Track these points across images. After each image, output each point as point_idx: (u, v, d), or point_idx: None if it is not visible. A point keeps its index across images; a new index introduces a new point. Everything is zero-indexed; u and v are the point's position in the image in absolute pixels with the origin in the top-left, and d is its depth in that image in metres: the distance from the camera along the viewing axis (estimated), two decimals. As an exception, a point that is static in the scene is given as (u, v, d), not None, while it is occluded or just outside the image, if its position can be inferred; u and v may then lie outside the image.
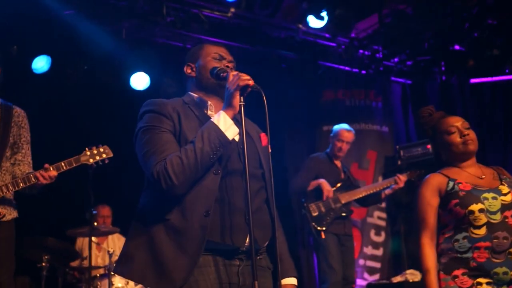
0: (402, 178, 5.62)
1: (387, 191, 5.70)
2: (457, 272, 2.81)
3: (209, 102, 2.56)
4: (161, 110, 2.44)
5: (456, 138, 3.01)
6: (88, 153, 3.97)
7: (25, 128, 3.89)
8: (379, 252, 7.74)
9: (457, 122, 3.05)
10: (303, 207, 5.63)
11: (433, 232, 2.95)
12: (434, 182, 2.99)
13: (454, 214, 2.89)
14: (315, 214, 5.55)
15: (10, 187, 3.66)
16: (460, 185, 2.92)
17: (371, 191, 5.76)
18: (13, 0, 5.71)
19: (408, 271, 6.57)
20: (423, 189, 3.00)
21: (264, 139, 2.61)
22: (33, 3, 5.77)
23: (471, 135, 3.01)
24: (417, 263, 6.80)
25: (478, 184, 2.94)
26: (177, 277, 2.24)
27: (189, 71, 2.65)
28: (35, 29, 6.05)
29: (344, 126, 5.98)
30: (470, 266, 2.80)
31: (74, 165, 3.88)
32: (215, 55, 2.59)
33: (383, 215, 7.85)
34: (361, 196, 5.76)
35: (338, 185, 5.73)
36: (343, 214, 5.66)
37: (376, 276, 7.60)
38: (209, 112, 2.55)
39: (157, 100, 2.50)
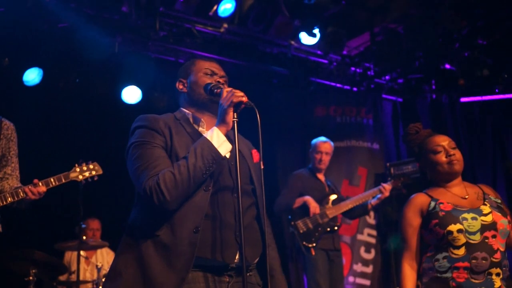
0: (387, 187, 5.56)
1: (373, 202, 5.63)
2: None
3: (201, 119, 2.56)
4: (152, 126, 2.43)
5: (442, 158, 3.01)
6: (78, 169, 3.98)
7: (14, 141, 3.86)
8: (369, 269, 7.72)
9: (444, 141, 3.05)
10: (290, 225, 5.57)
11: (414, 252, 2.98)
12: (417, 203, 3.01)
13: (435, 234, 2.89)
14: (303, 231, 5.50)
15: None
16: (441, 205, 2.92)
17: (357, 203, 5.70)
18: (6, 12, 5.71)
19: (398, 289, 6.56)
20: (406, 209, 3.04)
21: (256, 155, 2.62)
22: (26, 15, 5.77)
23: (457, 155, 3.01)
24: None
25: (459, 205, 2.93)
26: None
27: (181, 87, 2.65)
28: (27, 41, 6.05)
29: (321, 138, 5.97)
30: (450, 286, 2.80)
31: (64, 181, 3.91)
32: (206, 71, 2.59)
33: (373, 232, 7.85)
34: (347, 209, 5.70)
35: (331, 198, 5.70)
36: (332, 229, 5.62)
37: (366, 294, 7.58)
38: (200, 129, 2.54)
39: (149, 116, 2.49)
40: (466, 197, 2.98)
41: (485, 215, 2.87)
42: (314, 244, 5.49)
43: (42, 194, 3.72)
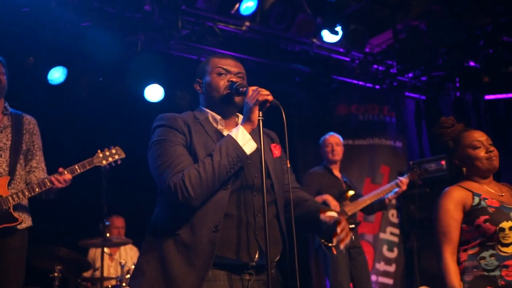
0: (404, 181, 5.48)
1: (391, 196, 5.52)
2: None
3: (219, 117, 2.56)
4: (172, 124, 2.45)
5: (481, 153, 2.97)
6: (101, 155, 4.02)
7: (37, 135, 3.94)
8: (392, 268, 7.67)
9: (482, 137, 3.02)
10: None
11: (455, 247, 2.87)
12: (458, 196, 2.91)
13: (482, 231, 2.82)
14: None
15: (26, 193, 3.69)
16: (487, 200, 2.87)
17: (375, 199, 5.61)
18: (30, 12, 5.79)
19: (421, 288, 6.51)
20: (445, 202, 2.92)
21: (275, 150, 2.60)
22: (49, 15, 5.84)
23: (495, 151, 2.98)
24: (430, 280, 6.74)
25: (504, 201, 2.89)
26: None
27: (197, 87, 2.66)
28: (51, 40, 6.12)
29: (328, 133, 5.89)
30: (498, 284, 2.75)
31: (88, 167, 3.94)
32: (219, 70, 2.57)
33: (396, 231, 7.80)
34: (365, 205, 5.61)
35: (349, 195, 5.63)
36: (351, 226, 5.56)
37: (388, 293, 7.54)
38: (219, 127, 2.55)
39: (168, 115, 2.52)
40: (503, 194, 2.96)
41: None
42: (334, 243, 5.44)
43: (68, 181, 3.78)
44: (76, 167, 3.87)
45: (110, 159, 4.07)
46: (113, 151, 4.10)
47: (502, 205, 2.85)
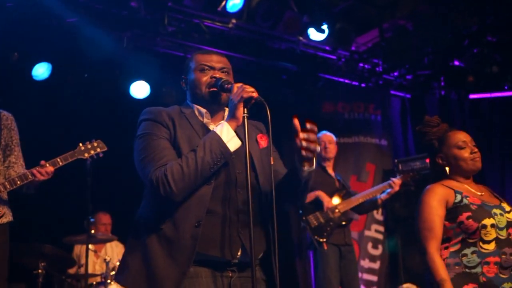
0: (397, 182, 5.52)
1: (383, 196, 5.58)
2: (467, 287, 2.78)
3: (205, 110, 2.56)
4: (157, 118, 2.46)
5: (466, 154, 3.02)
6: (83, 148, 4.01)
7: (15, 130, 3.91)
8: (376, 265, 7.72)
9: (467, 138, 3.08)
10: (302, 219, 5.57)
11: (439, 242, 2.89)
12: (441, 193, 2.94)
13: (465, 227, 2.85)
14: (314, 225, 5.50)
15: (8, 185, 3.66)
16: (468, 198, 2.91)
17: (367, 198, 5.67)
18: (15, 6, 5.74)
19: (405, 285, 6.55)
20: (429, 198, 2.94)
21: (262, 140, 2.59)
22: (35, 10, 5.79)
23: (479, 153, 3.04)
24: (414, 277, 6.79)
25: (484, 200, 2.94)
26: (167, 287, 2.26)
27: (183, 84, 2.67)
28: (36, 36, 6.07)
29: (321, 132, 5.91)
30: (480, 281, 2.78)
31: (70, 159, 3.93)
32: (202, 66, 2.57)
33: (381, 228, 7.84)
34: (358, 203, 5.67)
35: (342, 194, 5.68)
36: (343, 223, 5.59)
37: (373, 290, 7.58)
38: (205, 120, 2.55)
39: (153, 108, 2.52)
40: (482, 194, 3.00)
41: (508, 212, 2.91)
42: (325, 239, 5.48)
43: (50, 174, 3.77)
44: (58, 159, 3.86)
45: (92, 152, 4.06)
46: (95, 144, 4.09)
47: (483, 203, 2.90)
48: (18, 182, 3.69)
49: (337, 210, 5.56)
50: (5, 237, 3.75)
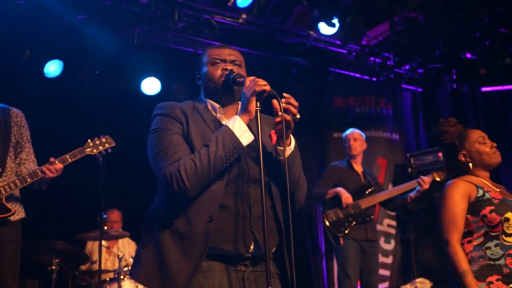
0: (426, 180, 5.49)
1: (413, 195, 5.57)
2: (492, 279, 2.88)
3: (218, 105, 2.56)
4: (170, 113, 2.46)
5: (488, 148, 3.15)
6: (91, 144, 4.03)
7: (25, 127, 3.93)
8: (389, 260, 7.70)
9: (484, 134, 3.21)
10: (322, 215, 5.64)
11: (461, 235, 3.00)
12: (464, 187, 3.05)
13: (488, 221, 2.95)
14: (333, 220, 5.53)
15: (18, 183, 3.69)
16: (490, 193, 3.02)
17: (392, 195, 5.69)
18: (26, 5, 5.77)
19: (418, 280, 6.53)
20: (452, 192, 3.04)
21: (275, 136, 2.59)
22: (45, 8, 5.82)
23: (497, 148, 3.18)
24: (426, 271, 6.74)
25: (505, 195, 3.06)
26: (180, 282, 2.26)
27: (197, 79, 2.67)
28: (47, 33, 6.10)
29: (349, 129, 6.01)
30: (503, 272, 2.88)
31: (79, 156, 3.94)
32: (213, 60, 2.57)
33: (393, 222, 7.82)
34: (381, 200, 5.68)
35: (368, 191, 5.70)
36: (365, 219, 5.60)
37: (386, 284, 7.56)
38: (218, 115, 2.55)
39: (167, 103, 2.52)
40: (500, 190, 3.11)
41: None
42: (342, 234, 5.49)
43: (59, 171, 3.78)
44: (67, 156, 3.87)
45: (101, 147, 4.07)
46: (103, 140, 4.10)
47: (504, 198, 3.01)
48: (29, 180, 3.71)
49: (359, 206, 5.57)
50: (18, 234, 3.78)
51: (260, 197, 2.28)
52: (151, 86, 6.79)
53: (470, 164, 3.16)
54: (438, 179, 5.53)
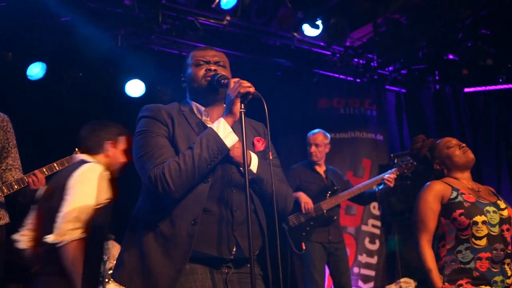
0: (391, 178, 5.38)
1: (380, 190, 5.47)
2: (462, 282, 2.96)
3: (203, 108, 2.56)
4: (156, 116, 2.46)
5: (457, 150, 3.25)
6: (79, 153, 4.00)
7: (11, 132, 3.90)
8: (374, 260, 7.74)
9: (453, 139, 3.32)
10: (283, 220, 5.49)
11: (431, 235, 3.11)
12: (438, 189, 3.14)
13: (457, 224, 3.03)
14: (294, 225, 5.43)
15: (5, 190, 3.66)
16: (464, 195, 3.08)
17: (355, 194, 5.61)
18: (8, 6, 5.72)
19: (402, 280, 6.58)
20: (426, 193, 3.15)
21: (259, 143, 2.59)
22: (28, 9, 5.78)
23: (466, 147, 3.28)
24: (411, 271, 6.79)
25: (480, 197, 3.12)
26: (162, 284, 2.27)
27: (183, 81, 2.67)
28: (30, 35, 6.06)
29: (314, 130, 5.85)
30: (473, 275, 2.95)
31: (67, 165, 3.91)
32: (197, 61, 2.58)
33: (378, 223, 7.86)
34: (342, 200, 5.62)
35: (329, 193, 5.64)
36: (326, 222, 5.52)
37: (371, 284, 7.60)
38: (204, 118, 2.55)
39: (153, 106, 2.53)
40: (479, 190, 3.19)
41: (502, 209, 3.09)
42: (304, 239, 5.43)
43: (42, 181, 3.77)
44: (55, 164, 3.87)
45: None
46: None
47: (478, 201, 3.08)
48: (16, 187, 3.70)
49: (321, 209, 5.52)
50: (2, 239, 3.75)
51: (242, 201, 2.32)
52: (135, 88, 6.77)
53: (445, 171, 3.28)
54: (404, 172, 5.49)
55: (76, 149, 4.02)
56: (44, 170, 3.78)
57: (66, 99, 6.41)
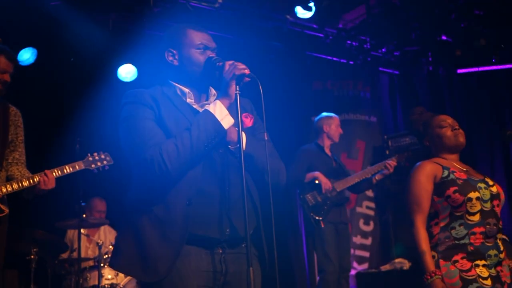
0: (392, 163, 5.63)
1: (378, 176, 5.69)
2: (457, 257, 2.99)
3: (187, 90, 2.54)
4: (140, 100, 2.45)
5: (448, 131, 3.24)
6: (91, 158, 4.07)
7: (21, 127, 3.95)
8: (368, 241, 7.78)
9: (448, 119, 3.30)
10: (300, 198, 5.67)
11: (426, 216, 3.12)
12: (429, 169, 3.15)
13: (452, 201, 3.05)
14: (312, 204, 5.58)
15: (15, 186, 3.69)
16: (455, 173, 3.11)
17: (364, 177, 5.78)
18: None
19: (397, 260, 6.63)
20: (418, 174, 3.16)
21: (246, 119, 2.54)
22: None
23: (461, 130, 3.26)
24: (406, 252, 6.85)
25: (470, 175, 3.15)
26: (161, 267, 2.27)
27: (170, 58, 2.58)
28: (20, 21, 5.99)
29: (331, 114, 6.07)
30: (468, 250, 2.99)
31: (78, 168, 4.02)
32: (199, 46, 2.52)
33: (372, 204, 7.90)
34: (354, 182, 5.77)
35: (338, 174, 5.78)
36: (340, 202, 5.71)
37: (365, 265, 7.65)
38: (188, 100, 2.53)
39: (135, 91, 2.51)
40: (467, 170, 3.21)
41: (491, 186, 3.12)
42: (322, 218, 5.56)
43: (53, 182, 3.81)
44: (66, 167, 3.95)
45: (99, 163, 4.15)
46: (102, 156, 4.19)
47: (469, 178, 3.11)
48: (25, 184, 3.74)
49: (335, 189, 5.62)
50: (4, 226, 3.78)
51: (235, 181, 2.35)
52: (127, 72, 6.73)
53: (434, 149, 3.29)
54: (401, 162, 5.62)
55: (89, 154, 4.10)
56: (55, 171, 3.81)
57: (57, 85, 6.35)
